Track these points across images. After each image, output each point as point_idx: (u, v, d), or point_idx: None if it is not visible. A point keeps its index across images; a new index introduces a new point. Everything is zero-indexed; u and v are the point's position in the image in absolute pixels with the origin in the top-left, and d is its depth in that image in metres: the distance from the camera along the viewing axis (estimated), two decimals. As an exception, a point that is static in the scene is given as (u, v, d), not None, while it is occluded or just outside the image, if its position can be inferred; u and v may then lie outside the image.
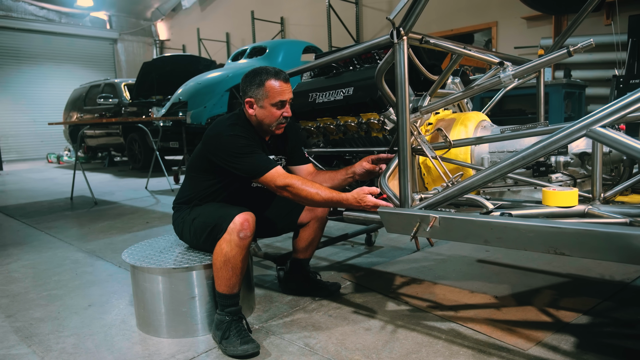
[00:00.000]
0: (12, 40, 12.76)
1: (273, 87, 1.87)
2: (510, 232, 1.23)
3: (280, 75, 1.89)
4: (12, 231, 4.03)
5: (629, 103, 1.06)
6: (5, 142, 12.39)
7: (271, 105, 1.88)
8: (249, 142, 1.85)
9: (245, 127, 1.92)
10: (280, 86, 1.87)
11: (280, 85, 1.87)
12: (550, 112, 4.45)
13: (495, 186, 1.96)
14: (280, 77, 1.88)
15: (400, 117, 1.51)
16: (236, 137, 1.84)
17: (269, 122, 1.91)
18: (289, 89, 1.91)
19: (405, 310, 2.03)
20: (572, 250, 1.15)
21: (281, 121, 1.92)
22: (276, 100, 1.87)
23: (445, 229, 1.37)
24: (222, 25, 13.03)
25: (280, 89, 1.87)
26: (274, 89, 1.87)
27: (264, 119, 1.91)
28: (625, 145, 1.06)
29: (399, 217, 1.49)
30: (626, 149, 1.06)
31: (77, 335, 1.94)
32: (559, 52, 1.41)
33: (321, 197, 1.77)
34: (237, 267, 1.74)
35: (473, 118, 2.07)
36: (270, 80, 1.87)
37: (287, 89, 1.89)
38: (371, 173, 1.98)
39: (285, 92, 1.88)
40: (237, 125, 1.90)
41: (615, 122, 1.10)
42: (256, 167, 1.83)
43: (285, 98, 1.89)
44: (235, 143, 1.84)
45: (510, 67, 1.52)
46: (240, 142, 1.84)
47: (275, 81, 1.87)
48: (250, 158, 1.83)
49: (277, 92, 1.87)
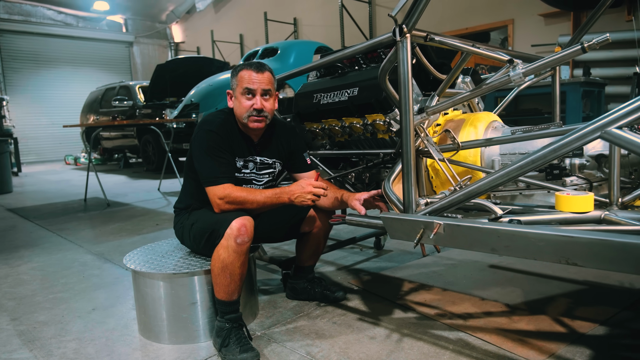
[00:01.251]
0: (31, 45, 13.02)
1: (243, 75, 1.83)
2: (518, 240, 1.16)
3: (253, 65, 1.84)
4: (26, 233, 4.07)
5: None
6: (24, 144, 12.61)
7: (240, 94, 1.84)
8: (220, 144, 1.81)
9: (228, 123, 1.88)
10: (249, 75, 1.82)
11: (249, 73, 1.82)
12: (567, 112, 4.31)
13: (506, 190, 1.88)
14: (252, 67, 1.84)
15: (403, 118, 1.45)
16: (209, 133, 1.81)
17: (240, 113, 1.86)
18: (263, 80, 1.84)
19: (412, 318, 1.96)
20: (585, 261, 1.08)
21: (252, 113, 1.84)
22: (243, 88, 1.82)
23: (451, 236, 1.30)
24: (235, 26, 13.08)
25: (249, 77, 1.82)
26: (243, 76, 1.83)
27: (236, 110, 1.88)
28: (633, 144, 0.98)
29: (402, 222, 1.43)
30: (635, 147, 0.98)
31: (79, 340, 1.92)
32: (573, 49, 1.33)
33: (257, 201, 1.77)
34: (236, 274, 1.70)
35: (483, 119, 2.00)
36: (243, 70, 1.84)
37: (258, 78, 1.83)
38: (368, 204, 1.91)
39: (254, 81, 1.82)
40: (220, 120, 1.86)
41: (633, 122, 1.02)
42: (208, 174, 1.79)
43: (252, 86, 1.82)
44: (204, 138, 1.81)
45: (520, 64, 1.44)
46: (210, 140, 1.80)
47: (248, 70, 1.83)
48: (209, 161, 1.79)
49: (245, 80, 1.82)
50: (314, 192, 1.77)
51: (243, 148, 1.91)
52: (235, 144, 1.88)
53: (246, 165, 1.93)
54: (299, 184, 1.81)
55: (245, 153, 1.92)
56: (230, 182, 1.80)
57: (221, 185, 1.77)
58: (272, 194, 1.79)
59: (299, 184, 1.81)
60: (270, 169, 2.02)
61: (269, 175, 2.02)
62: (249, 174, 1.95)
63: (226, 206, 1.77)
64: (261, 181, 2.00)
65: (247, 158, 1.93)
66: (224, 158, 1.81)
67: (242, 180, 1.93)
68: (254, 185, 1.98)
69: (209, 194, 1.79)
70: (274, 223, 2.07)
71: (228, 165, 1.83)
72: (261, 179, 1.99)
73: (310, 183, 1.80)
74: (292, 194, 1.79)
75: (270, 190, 1.81)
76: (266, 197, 1.78)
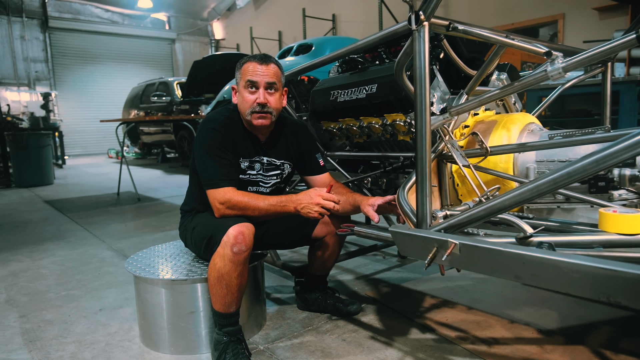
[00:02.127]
0: (80, 42, 13.52)
1: (246, 67, 1.70)
2: (548, 269, 0.96)
3: (257, 57, 1.70)
4: (56, 225, 4.14)
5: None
6: (71, 138, 13.15)
7: (244, 88, 1.71)
8: (222, 144, 1.69)
9: (231, 121, 1.75)
10: (254, 66, 1.68)
11: (254, 65, 1.68)
12: (620, 114, 3.91)
13: (542, 202, 1.65)
14: (256, 59, 1.70)
15: (419, 119, 1.27)
16: (211, 132, 1.69)
17: (243, 109, 1.73)
18: (267, 72, 1.70)
19: (430, 340, 1.78)
20: (632, 301, 0.87)
21: (255, 109, 1.70)
22: (246, 81, 1.69)
23: (468, 258, 1.12)
24: (274, 23, 13.07)
25: (252, 68, 1.68)
26: (247, 69, 1.69)
27: (240, 105, 1.74)
28: None
29: (414, 239, 1.25)
30: None
31: (79, 343, 1.86)
32: (625, 38, 1.11)
33: (260, 208, 1.64)
34: (233, 285, 1.57)
35: (518, 120, 1.77)
36: (247, 62, 1.71)
37: (261, 70, 1.69)
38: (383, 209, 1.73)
39: (257, 73, 1.68)
40: (223, 118, 1.74)
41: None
42: (208, 176, 1.67)
43: (255, 78, 1.68)
44: (205, 137, 1.70)
45: (560, 58, 1.23)
46: (212, 139, 1.68)
47: (251, 62, 1.70)
48: (210, 162, 1.67)
49: (248, 72, 1.69)
50: (323, 205, 1.62)
51: (249, 148, 1.78)
52: (240, 144, 1.76)
53: (252, 167, 1.80)
54: (308, 193, 1.66)
55: (251, 153, 1.79)
56: (232, 185, 1.68)
57: (222, 188, 1.65)
58: (276, 202, 1.66)
59: (307, 194, 1.66)
60: (278, 171, 1.88)
61: (277, 177, 1.88)
62: (255, 176, 1.82)
63: (227, 211, 1.64)
64: (268, 183, 1.86)
65: (253, 159, 1.80)
66: (226, 159, 1.69)
67: (247, 182, 1.81)
68: (261, 187, 1.85)
69: (209, 197, 1.67)
70: (284, 229, 1.93)
71: (230, 167, 1.70)
72: (268, 181, 1.86)
73: (320, 194, 1.64)
74: (298, 203, 1.64)
75: (275, 198, 1.67)
76: (270, 205, 1.65)
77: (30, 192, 6.32)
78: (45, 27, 12.85)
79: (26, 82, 12.49)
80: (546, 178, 1.02)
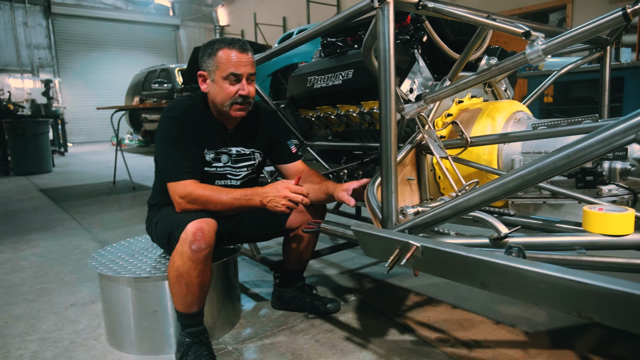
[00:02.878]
0: (83, 28, 13.43)
1: (225, 57, 1.57)
2: (513, 278, 0.85)
3: (236, 44, 1.58)
4: (45, 215, 4.09)
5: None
6: (76, 125, 13.15)
7: (223, 79, 1.58)
8: (184, 134, 1.58)
9: (195, 110, 1.64)
10: (235, 56, 1.56)
11: (235, 54, 1.57)
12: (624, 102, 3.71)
13: (527, 197, 1.53)
14: (235, 46, 1.58)
15: (383, 108, 1.15)
16: (172, 121, 1.58)
17: (221, 100, 1.61)
18: (248, 62, 1.59)
19: (407, 342, 1.67)
20: (604, 317, 0.76)
21: (237, 100, 1.59)
22: (227, 73, 1.57)
23: (431, 262, 1.01)
24: (279, 9, 12.85)
25: (236, 59, 1.56)
26: (227, 58, 1.57)
27: (216, 96, 1.62)
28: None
29: (376, 239, 1.14)
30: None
31: (42, 341, 1.79)
32: (610, 16, 0.97)
33: (222, 202, 1.54)
34: (193, 284, 1.47)
35: (504, 109, 1.64)
36: (224, 49, 1.57)
37: (244, 60, 1.58)
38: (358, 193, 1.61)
39: (240, 64, 1.57)
40: (184, 107, 1.63)
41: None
42: (169, 169, 1.58)
43: (239, 71, 1.57)
44: (166, 127, 1.59)
45: (540, 39, 1.10)
46: (173, 129, 1.58)
47: (230, 49, 1.57)
48: (170, 154, 1.57)
49: (230, 63, 1.56)
50: (291, 198, 1.51)
51: (214, 138, 1.67)
52: (205, 134, 1.65)
53: (218, 158, 1.69)
54: (275, 185, 1.55)
55: (217, 144, 1.68)
56: (194, 177, 1.57)
57: (183, 181, 1.55)
58: (241, 195, 1.55)
59: (274, 186, 1.55)
60: (250, 161, 1.77)
61: (248, 168, 1.77)
62: (222, 168, 1.71)
63: (188, 206, 1.54)
64: (238, 175, 1.75)
65: (219, 150, 1.69)
66: (188, 150, 1.58)
67: (214, 175, 1.70)
68: (230, 180, 1.74)
69: (169, 191, 1.57)
70: (256, 221, 1.83)
71: (193, 159, 1.60)
72: (238, 173, 1.75)
73: (288, 187, 1.54)
74: (264, 196, 1.54)
75: (239, 191, 1.56)
76: (233, 199, 1.54)
77: (28, 180, 6.30)
78: (48, 13, 12.76)
79: (29, 69, 12.47)
80: (512, 175, 0.90)
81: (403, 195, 1.56)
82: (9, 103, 8.62)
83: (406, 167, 1.57)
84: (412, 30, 1.75)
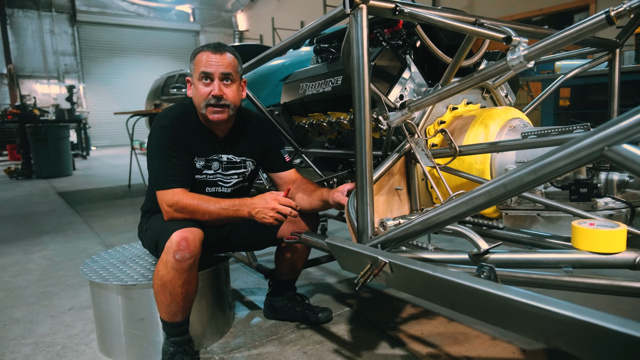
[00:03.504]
0: (107, 35, 13.78)
1: (199, 58, 1.57)
2: (480, 301, 0.80)
3: (211, 46, 1.58)
4: (59, 218, 4.18)
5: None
6: (99, 129, 13.47)
7: (197, 80, 1.58)
8: (173, 142, 1.57)
9: (185, 117, 1.63)
10: (207, 56, 1.56)
11: (207, 55, 1.56)
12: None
13: (520, 209, 1.47)
14: (209, 48, 1.57)
15: (356, 116, 1.11)
16: (162, 129, 1.58)
17: (198, 102, 1.60)
18: (222, 62, 1.57)
19: (397, 357, 1.63)
20: (571, 347, 0.70)
21: (210, 102, 1.57)
22: (199, 72, 1.56)
23: (402, 279, 0.96)
24: (296, 14, 12.90)
25: (206, 59, 1.56)
26: (199, 59, 1.57)
27: (194, 98, 1.62)
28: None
29: (348, 253, 1.10)
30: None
31: (36, 345, 1.81)
32: (593, 19, 0.92)
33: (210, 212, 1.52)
34: (177, 294, 1.46)
35: (499, 116, 1.58)
36: (200, 52, 1.58)
37: (215, 60, 1.56)
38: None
39: (211, 63, 1.55)
40: (175, 114, 1.62)
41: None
42: (157, 177, 1.57)
43: (209, 70, 1.55)
44: (156, 135, 1.59)
45: (522, 44, 1.05)
46: (163, 137, 1.57)
47: (205, 51, 1.57)
48: (160, 162, 1.57)
49: (201, 63, 1.56)
50: (279, 210, 1.50)
51: (205, 146, 1.66)
52: (195, 142, 1.64)
53: (209, 166, 1.68)
54: (264, 197, 1.54)
55: (207, 151, 1.67)
56: (182, 186, 1.56)
57: (171, 190, 1.54)
58: (229, 205, 1.54)
59: (263, 197, 1.54)
60: (240, 169, 1.75)
61: (239, 176, 1.75)
62: (213, 175, 1.70)
63: (175, 214, 1.54)
64: (229, 183, 1.74)
65: (210, 157, 1.68)
66: (177, 158, 1.58)
67: (204, 182, 1.69)
68: (221, 187, 1.73)
69: (158, 199, 1.57)
70: (248, 229, 1.81)
71: (182, 167, 1.59)
72: (229, 180, 1.74)
73: (277, 198, 1.52)
74: (252, 207, 1.52)
75: (228, 201, 1.55)
76: (221, 209, 1.53)
77: (48, 183, 6.47)
78: (74, 21, 13.14)
79: (56, 75, 12.85)
80: (480, 191, 0.85)
81: (391, 205, 1.51)
82: (35, 108, 8.90)
83: (394, 176, 1.53)
84: (404, 35, 1.70)
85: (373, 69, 1.56)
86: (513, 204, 1.48)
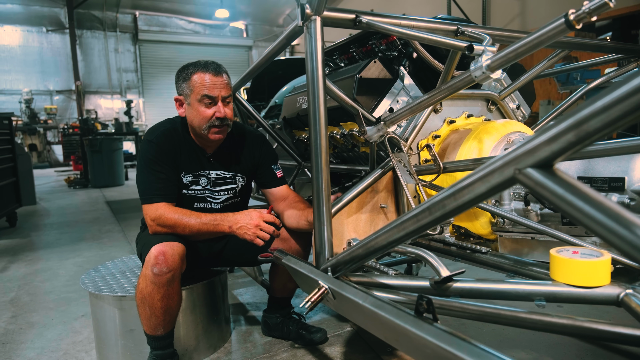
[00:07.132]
0: (166, 52, 14.58)
1: (199, 80, 1.57)
2: (403, 338, 0.72)
3: (209, 67, 1.58)
4: (100, 226, 4.41)
5: (575, 124, 0.49)
6: (156, 141, 14.20)
7: (198, 101, 1.58)
8: (159, 157, 1.59)
9: (173, 133, 1.65)
10: (208, 79, 1.56)
11: (208, 77, 1.56)
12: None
13: (513, 231, 1.34)
14: (208, 69, 1.57)
15: (312, 132, 1.06)
16: (148, 144, 1.60)
17: (198, 123, 1.60)
18: (222, 84, 1.57)
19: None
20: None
21: (214, 123, 1.57)
22: (201, 95, 1.56)
23: (343, 306, 0.89)
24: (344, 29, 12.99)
25: (209, 82, 1.56)
26: (200, 81, 1.56)
27: (193, 119, 1.61)
28: (564, 200, 0.49)
29: (300, 275, 1.05)
30: (566, 205, 0.50)
31: (41, 350, 1.89)
32: (551, 25, 0.82)
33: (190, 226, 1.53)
34: (156, 307, 1.47)
35: (496, 130, 1.47)
36: (197, 73, 1.58)
37: (217, 82, 1.56)
38: None
39: (214, 87, 1.56)
40: (163, 130, 1.64)
41: (562, 156, 0.53)
42: (143, 191, 1.59)
43: (213, 94, 1.56)
44: (143, 150, 1.62)
45: (487, 53, 0.96)
46: (149, 152, 1.59)
47: (203, 73, 1.57)
48: (145, 176, 1.59)
49: (204, 86, 1.56)
50: (262, 228, 1.48)
51: (193, 161, 1.67)
52: (183, 157, 1.66)
53: (196, 181, 1.69)
54: (249, 213, 1.53)
55: (195, 167, 1.68)
56: (166, 200, 1.58)
57: (155, 204, 1.57)
58: (210, 220, 1.54)
59: (248, 213, 1.53)
60: (230, 185, 1.75)
61: (228, 192, 1.75)
62: (201, 191, 1.70)
63: (158, 228, 1.56)
64: (218, 199, 1.74)
65: (197, 173, 1.69)
66: (162, 172, 1.60)
67: (192, 198, 1.70)
68: (210, 203, 1.73)
69: (143, 212, 1.60)
70: (241, 244, 1.77)
71: (166, 182, 1.61)
72: (218, 197, 1.73)
73: (261, 216, 1.52)
74: (234, 222, 1.52)
75: (209, 216, 1.55)
76: (201, 223, 1.53)
77: (100, 192, 6.87)
78: (136, 39, 14.03)
79: (119, 90, 13.75)
80: (407, 216, 0.77)
81: (375, 224, 1.44)
82: (96, 122, 9.54)
83: (379, 193, 1.45)
84: (399, 46, 1.63)
85: (359, 82, 1.50)
86: (507, 225, 1.36)
